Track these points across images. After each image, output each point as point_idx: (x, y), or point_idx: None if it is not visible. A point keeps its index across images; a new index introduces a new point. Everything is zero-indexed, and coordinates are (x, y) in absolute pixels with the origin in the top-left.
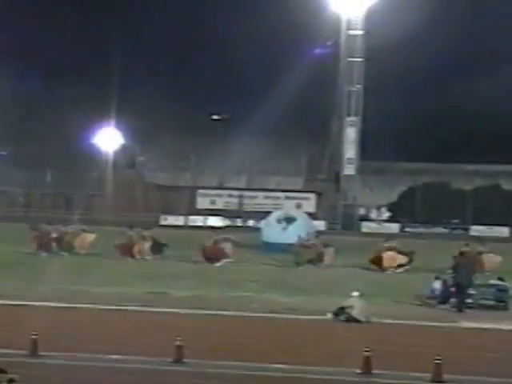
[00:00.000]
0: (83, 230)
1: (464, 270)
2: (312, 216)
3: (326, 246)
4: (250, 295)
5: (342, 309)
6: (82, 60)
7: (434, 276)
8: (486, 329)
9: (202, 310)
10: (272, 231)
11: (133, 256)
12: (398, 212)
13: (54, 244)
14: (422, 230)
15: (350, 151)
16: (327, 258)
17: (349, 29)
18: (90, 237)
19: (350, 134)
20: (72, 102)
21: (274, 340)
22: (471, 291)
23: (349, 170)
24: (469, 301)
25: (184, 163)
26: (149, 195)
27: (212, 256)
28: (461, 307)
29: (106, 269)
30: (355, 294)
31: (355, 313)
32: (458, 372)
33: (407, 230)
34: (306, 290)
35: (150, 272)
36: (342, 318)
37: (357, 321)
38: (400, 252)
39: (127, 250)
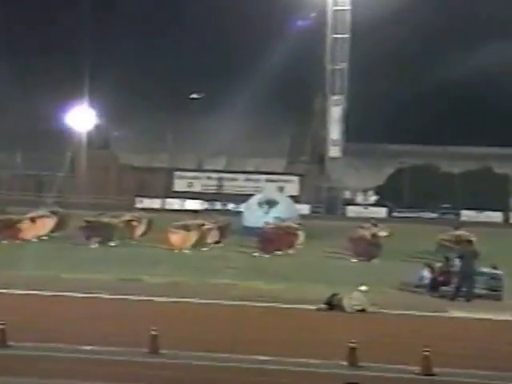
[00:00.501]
0: (53, 213)
1: (470, 258)
2: (295, 199)
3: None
4: (229, 282)
5: (334, 296)
6: (55, 37)
7: (422, 264)
8: (477, 319)
9: (177, 298)
10: (253, 215)
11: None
12: (385, 196)
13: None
14: (409, 214)
15: (335, 132)
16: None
17: (335, 4)
18: (51, 221)
19: (335, 113)
20: (43, 80)
21: (253, 329)
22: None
23: (333, 151)
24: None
25: (160, 144)
26: (124, 177)
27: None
28: (470, 296)
29: (76, 254)
30: (363, 288)
31: (345, 302)
32: (448, 364)
33: (395, 214)
34: (287, 277)
35: (123, 257)
36: (335, 305)
37: (342, 310)
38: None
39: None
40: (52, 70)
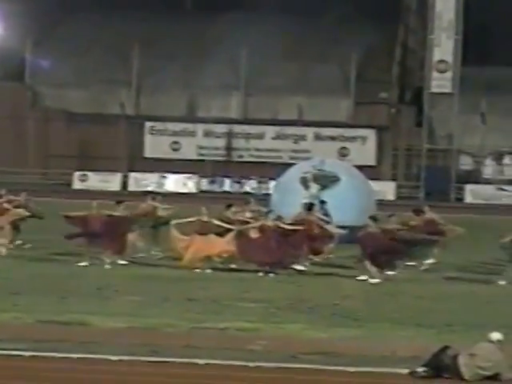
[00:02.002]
0: None
1: None
2: (370, 173)
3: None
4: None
5: (444, 351)
6: None
7: None
8: None
9: None
10: (292, 201)
11: None
12: None
13: None
14: None
15: (445, 46)
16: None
17: None
18: None
19: (446, 11)
20: None
21: None
22: None
23: (441, 83)
24: None
25: (118, 71)
26: (52, 132)
27: None
28: None
29: None
30: (496, 336)
31: (464, 363)
32: None
33: None
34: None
35: None
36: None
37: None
38: None
39: None
40: None
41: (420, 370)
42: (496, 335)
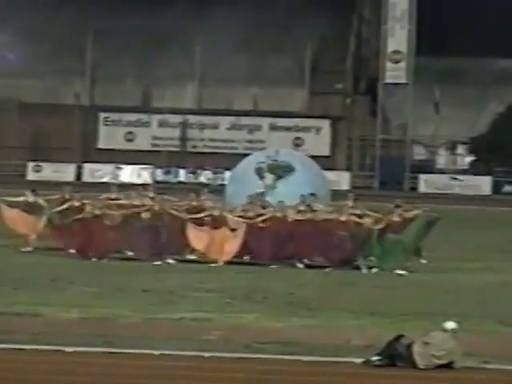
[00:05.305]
0: None
1: None
2: (324, 163)
3: None
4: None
5: (398, 340)
6: None
7: None
8: None
9: None
10: (246, 191)
11: None
12: (488, 155)
13: None
14: None
15: (399, 37)
16: None
17: None
18: None
19: (400, 2)
20: None
21: None
22: None
23: (395, 73)
24: None
25: (71, 61)
26: (5, 122)
27: None
28: None
29: None
30: (450, 325)
31: (418, 351)
32: None
33: (507, 189)
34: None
35: None
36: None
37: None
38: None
39: None
40: None
41: (374, 358)
42: (451, 324)
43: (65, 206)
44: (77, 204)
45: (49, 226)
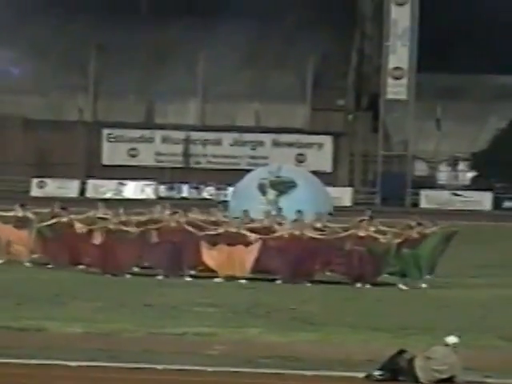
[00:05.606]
0: None
1: None
2: (326, 178)
3: None
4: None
5: (400, 354)
6: None
7: None
8: None
9: None
10: (249, 207)
11: None
12: (489, 170)
13: None
14: None
15: (400, 54)
16: None
17: None
18: None
19: (401, 18)
20: None
21: None
22: None
23: (397, 89)
24: None
25: (74, 77)
26: (9, 138)
27: None
28: None
29: None
30: (452, 340)
31: (420, 365)
32: None
33: (507, 205)
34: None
35: None
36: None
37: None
38: None
39: None
40: None
41: (376, 373)
42: (452, 339)
43: (54, 221)
44: (64, 219)
45: (39, 239)
